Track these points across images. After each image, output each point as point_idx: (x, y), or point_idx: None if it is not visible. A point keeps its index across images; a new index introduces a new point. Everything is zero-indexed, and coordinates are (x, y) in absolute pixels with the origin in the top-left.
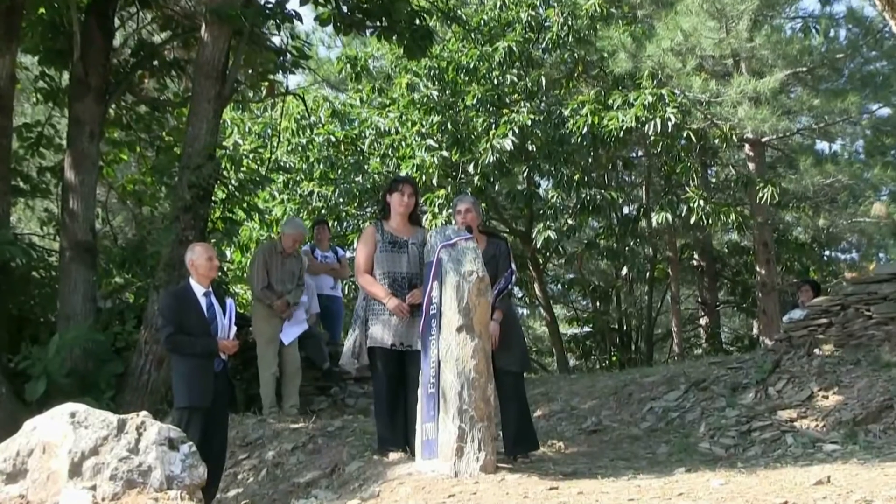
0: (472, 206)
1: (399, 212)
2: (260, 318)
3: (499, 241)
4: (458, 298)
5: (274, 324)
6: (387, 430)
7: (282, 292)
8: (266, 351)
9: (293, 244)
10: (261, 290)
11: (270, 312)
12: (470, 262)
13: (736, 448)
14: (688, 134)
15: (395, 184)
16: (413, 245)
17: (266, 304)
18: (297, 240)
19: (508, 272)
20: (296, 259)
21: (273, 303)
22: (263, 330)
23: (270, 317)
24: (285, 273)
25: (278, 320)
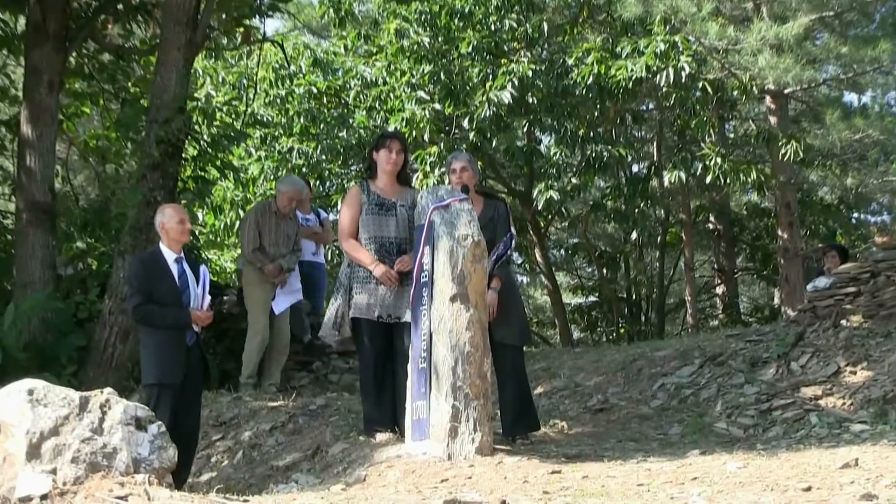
0: (467, 164)
1: (386, 170)
2: (251, 284)
3: (497, 203)
4: (452, 265)
5: (266, 290)
6: (373, 408)
7: (274, 255)
8: (257, 318)
9: (289, 203)
10: (251, 253)
11: (262, 277)
12: (465, 226)
13: (755, 428)
14: (703, 85)
15: (383, 140)
16: (402, 207)
17: (257, 268)
18: (294, 198)
19: (507, 236)
20: (292, 221)
21: (265, 266)
22: (255, 295)
23: (262, 282)
24: (279, 235)
25: (271, 286)
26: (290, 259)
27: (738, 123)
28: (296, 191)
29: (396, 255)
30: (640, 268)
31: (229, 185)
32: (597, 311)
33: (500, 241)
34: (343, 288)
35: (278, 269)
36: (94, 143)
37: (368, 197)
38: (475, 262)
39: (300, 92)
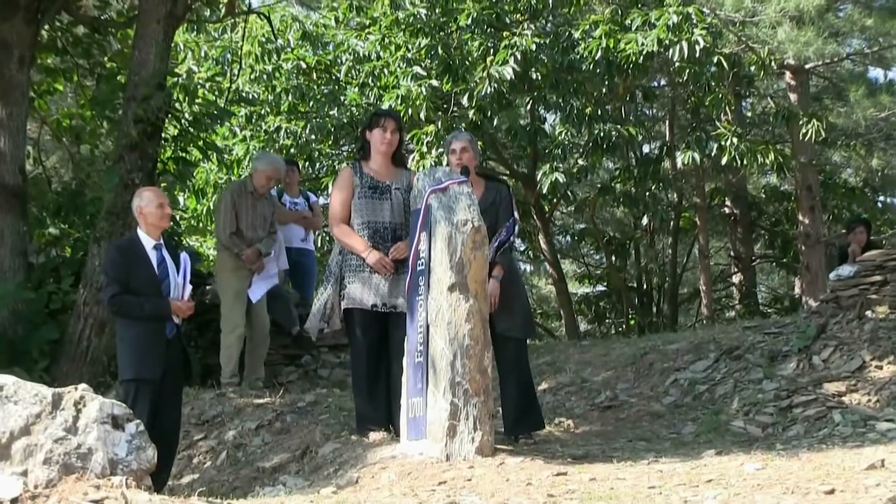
0: (468, 145)
1: (381, 151)
2: (226, 270)
3: (499, 186)
4: (451, 252)
5: (242, 276)
6: (367, 405)
7: (252, 239)
8: (233, 309)
9: (267, 182)
10: (228, 237)
11: (238, 264)
12: (464, 210)
13: (774, 427)
14: (718, 60)
15: (377, 118)
16: (397, 190)
17: (234, 254)
18: (272, 177)
19: (510, 222)
20: (268, 202)
21: (242, 252)
22: (230, 284)
23: (238, 268)
24: (256, 217)
25: (247, 273)
26: (267, 243)
27: (756, 101)
28: (274, 168)
29: (391, 241)
30: (651, 255)
31: (212, 167)
32: (605, 302)
33: (503, 227)
34: (334, 277)
35: (256, 253)
36: (67, 123)
37: (361, 179)
38: (475, 249)
39: (288, 67)
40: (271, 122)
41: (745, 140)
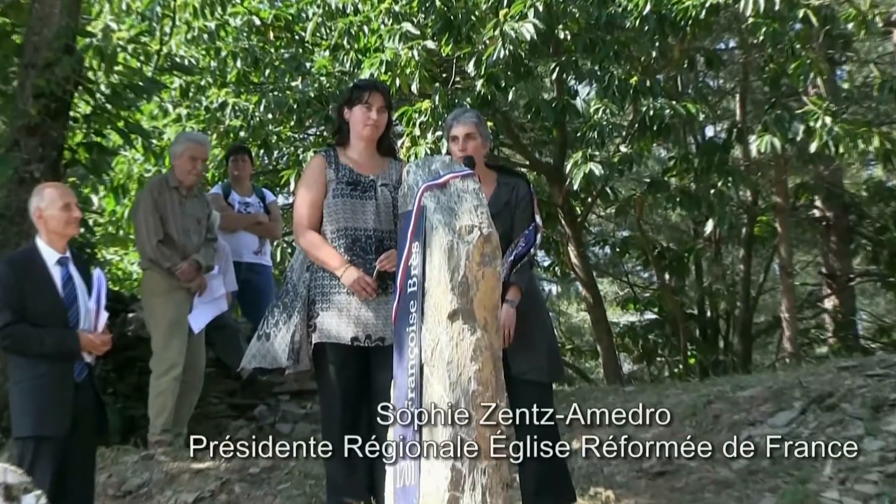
0: (473, 129)
1: (363, 135)
2: (156, 293)
3: (516, 181)
4: (452, 268)
5: (179, 300)
6: (341, 471)
7: (186, 249)
8: (167, 343)
9: (192, 167)
10: (155, 248)
11: (172, 283)
12: (469, 213)
13: (879, 499)
14: (805, 14)
15: (358, 92)
16: (384, 187)
17: (165, 270)
18: (197, 157)
19: (530, 229)
20: (199, 200)
21: (175, 266)
22: (162, 310)
23: (172, 289)
24: (187, 220)
25: (185, 295)
26: (206, 253)
27: (855, 69)
28: (195, 146)
29: (376, 253)
30: (716, 272)
31: (136, 156)
32: (656, 334)
33: (520, 236)
34: (300, 301)
35: (194, 268)
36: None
37: (337, 172)
38: (484, 265)
39: (237, 24)
40: (214, 97)
41: (841, 120)
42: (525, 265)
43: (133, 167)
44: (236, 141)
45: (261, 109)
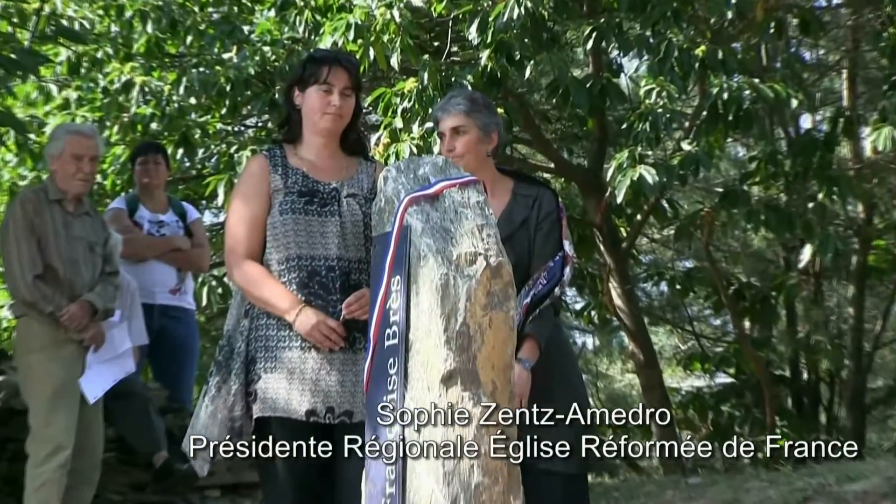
0: (464, 117)
1: (321, 128)
2: (34, 349)
3: (538, 192)
4: (446, 314)
5: (66, 359)
6: None
7: (74, 286)
8: (49, 417)
9: (77, 170)
10: (31, 286)
11: (56, 334)
12: (471, 235)
13: None
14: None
15: (313, 67)
16: (351, 198)
17: (45, 315)
18: (85, 155)
19: (556, 258)
20: (93, 218)
21: (61, 310)
22: (44, 373)
23: (57, 344)
24: (75, 245)
25: (74, 351)
26: (104, 292)
27: None
28: (80, 138)
29: (342, 292)
30: (816, 318)
31: (7, 157)
32: (732, 404)
33: (542, 268)
34: (238, 359)
35: (86, 311)
36: None
37: (285, 178)
38: (491, 309)
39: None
40: (115, 74)
41: None
42: (547, 310)
43: (2, 172)
44: (146, 136)
45: (180, 92)
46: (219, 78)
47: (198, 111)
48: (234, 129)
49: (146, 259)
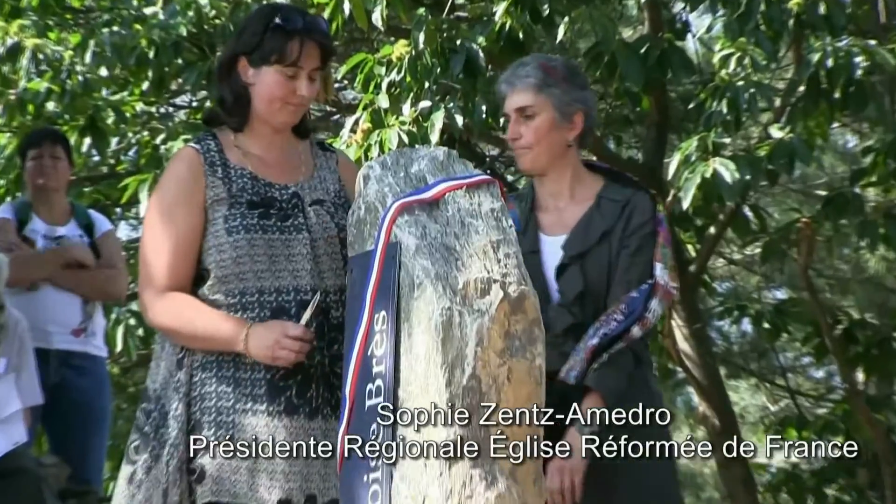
0: (532, 94)
1: (279, 121)
2: None
3: (632, 196)
4: (449, 363)
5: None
6: None
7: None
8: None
9: None
10: None
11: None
12: (483, 255)
13: None
14: None
15: (278, 40)
16: (318, 206)
17: None
18: None
19: (643, 287)
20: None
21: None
22: None
23: None
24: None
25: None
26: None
27: None
28: None
29: (319, 336)
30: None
31: None
32: (840, 485)
33: (621, 298)
34: (174, 424)
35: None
36: None
37: (228, 182)
38: (511, 354)
39: None
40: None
41: None
42: (621, 356)
43: None
44: (40, 120)
45: (86, 60)
46: (139, 41)
47: (110, 86)
48: (161, 111)
49: (38, 282)
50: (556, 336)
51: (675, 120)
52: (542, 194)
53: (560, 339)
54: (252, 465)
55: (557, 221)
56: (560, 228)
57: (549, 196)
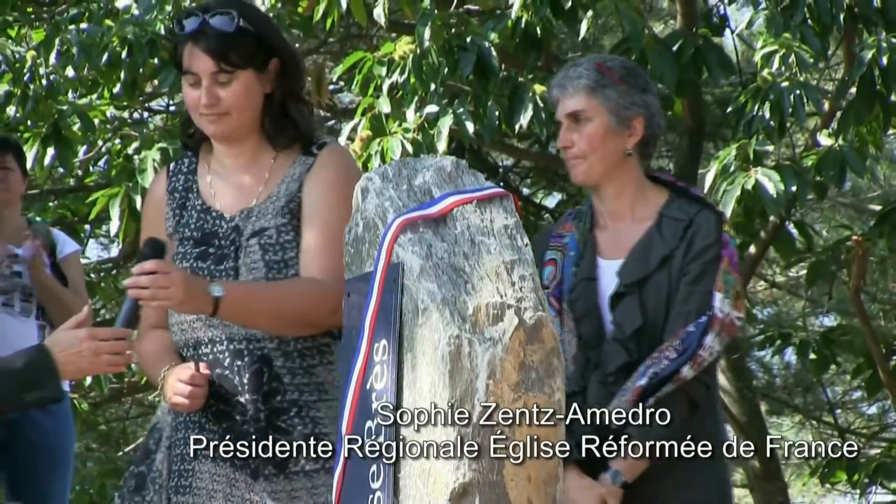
0: (585, 98)
1: (209, 132)
2: None
3: (697, 214)
4: (457, 397)
5: None
6: None
7: None
8: None
9: None
10: None
11: None
12: (494, 278)
13: None
14: None
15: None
16: (257, 237)
17: None
18: None
19: (701, 320)
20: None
21: None
22: None
23: None
24: None
25: None
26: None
27: None
28: None
29: (253, 391)
30: None
31: None
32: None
33: (676, 332)
34: (159, 482)
35: None
36: None
37: (180, 213)
38: (527, 388)
39: None
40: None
41: None
42: (670, 400)
43: None
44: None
45: (51, 60)
46: (110, 39)
47: (77, 89)
48: (134, 117)
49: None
50: (607, 374)
51: (712, 126)
52: (601, 211)
53: (612, 377)
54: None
55: (615, 243)
56: (618, 251)
57: (608, 213)
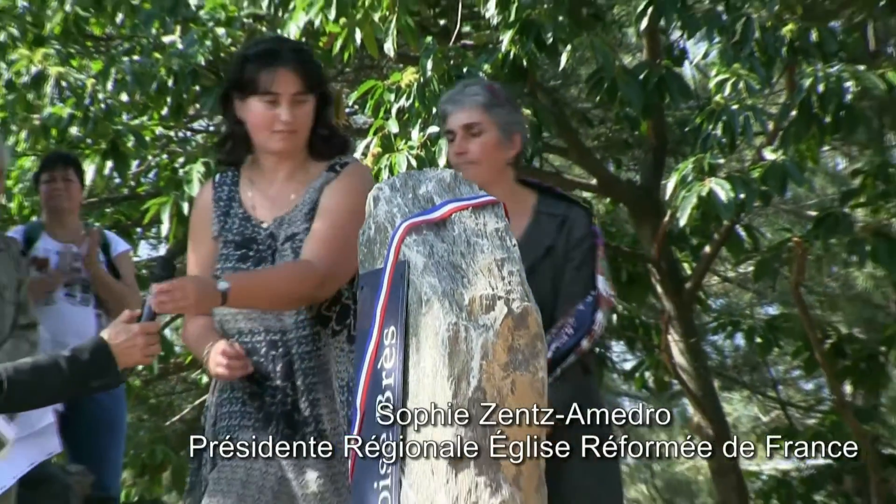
0: (480, 113)
1: (272, 149)
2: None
3: (568, 211)
4: (456, 376)
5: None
6: None
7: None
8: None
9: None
10: None
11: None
12: (488, 273)
13: None
14: None
15: (252, 70)
16: (291, 241)
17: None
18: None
19: (587, 300)
20: (1, 253)
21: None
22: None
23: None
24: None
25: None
26: (16, 351)
27: None
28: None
29: (284, 377)
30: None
31: None
32: (828, 492)
33: (568, 312)
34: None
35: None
36: None
37: (224, 220)
38: (514, 368)
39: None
40: (23, 64)
41: None
42: (572, 370)
43: None
44: (63, 144)
45: (107, 87)
46: (158, 69)
47: (131, 111)
48: (179, 136)
49: (53, 299)
50: None
51: (673, 143)
52: None
53: None
54: (241, 490)
55: None
56: None
57: None
